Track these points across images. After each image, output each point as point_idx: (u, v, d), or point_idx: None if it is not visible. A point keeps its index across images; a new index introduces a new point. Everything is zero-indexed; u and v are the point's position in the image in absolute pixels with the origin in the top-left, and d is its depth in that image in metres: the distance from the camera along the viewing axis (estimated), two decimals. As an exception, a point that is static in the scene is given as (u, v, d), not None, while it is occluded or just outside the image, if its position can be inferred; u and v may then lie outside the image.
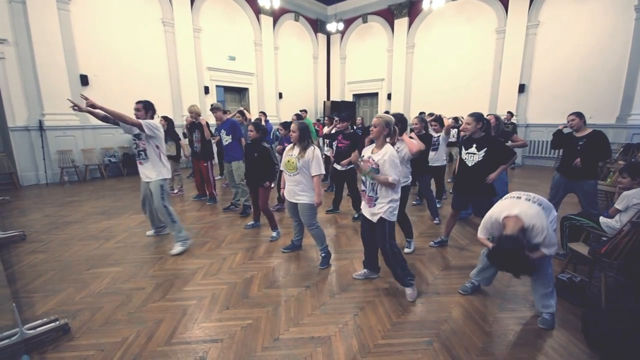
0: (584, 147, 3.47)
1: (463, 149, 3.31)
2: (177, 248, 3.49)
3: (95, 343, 2.10)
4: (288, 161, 3.05)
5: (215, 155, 6.99)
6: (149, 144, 3.39)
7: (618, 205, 2.73)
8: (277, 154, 4.38)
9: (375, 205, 2.52)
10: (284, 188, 3.23)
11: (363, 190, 2.61)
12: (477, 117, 3.15)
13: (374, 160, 2.47)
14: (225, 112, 5.03)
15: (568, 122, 3.63)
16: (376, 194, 2.50)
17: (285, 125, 4.47)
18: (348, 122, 4.65)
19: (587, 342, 2.08)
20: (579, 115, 3.56)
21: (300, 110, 7.95)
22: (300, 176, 3.01)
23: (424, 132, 4.24)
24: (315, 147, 3.05)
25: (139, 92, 8.30)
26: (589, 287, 2.60)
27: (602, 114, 8.21)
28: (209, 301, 2.57)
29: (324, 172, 3.03)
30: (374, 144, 2.59)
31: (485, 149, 3.11)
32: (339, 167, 4.57)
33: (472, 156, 3.20)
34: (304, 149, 3.00)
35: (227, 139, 4.81)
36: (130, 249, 3.62)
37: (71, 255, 3.46)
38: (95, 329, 2.24)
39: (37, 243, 3.77)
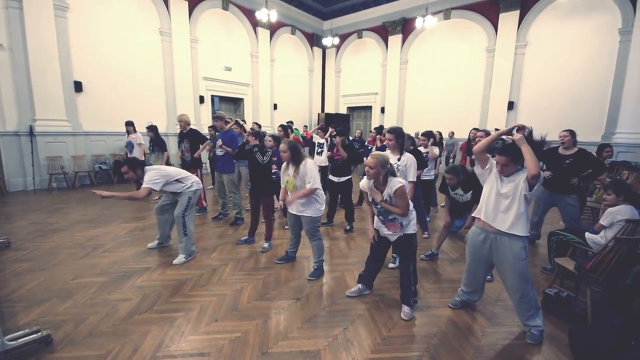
0: (571, 165, 3.57)
1: (450, 190, 3.43)
2: (181, 259, 3.46)
3: (78, 356, 2.04)
4: (287, 181, 3.10)
5: (208, 165, 6.99)
6: (166, 187, 3.42)
7: (603, 221, 2.80)
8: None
9: (401, 224, 2.51)
10: (283, 200, 3.24)
11: (380, 219, 2.59)
12: (455, 172, 3.25)
13: (385, 201, 2.46)
14: (226, 122, 5.04)
15: (560, 137, 3.71)
16: (397, 219, 2.49)
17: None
18: (343, 137, 4.70)
19: (574, 357, 2.10)
20: (572, 133, 3.66)
21: (287, 122, 7.98)
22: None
23: (412, 147, 4.31)
24: (308, 160, 3.08)
25: (134, 100, 8.34)
26: (576, 302, 2.63)
27: (587, 132, 8.43)
28: (197, 313, 2.53)
29: (318, 186, 3.03)
30: (370, 183, 2.55)
31: (471, 191, 3.25)
32: (335, 179, 4.60)
33: (461, 197, 3.37)
34: (297, 166, 3.02)
35: (220, 150, 4.81)
36: (117, 258, 3.55)
37: (56, 264, 3.38)
38: (78, 341, 2.18)
39: (21, 251, 3.68)
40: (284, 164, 3.18)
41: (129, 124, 6.70)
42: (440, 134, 6.91)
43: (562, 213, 3.79)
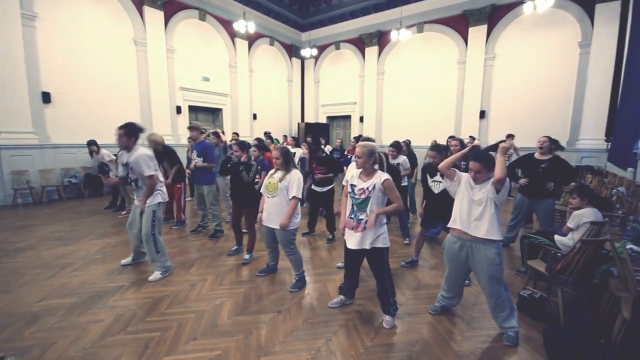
0: (546, 170, 3.74)
1: (428, 177, 3.47)
2: (156, 275, 3.33)
3: (43, 384, 1.91)
4: (269, 182, 3.07)
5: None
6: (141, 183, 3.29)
7: (570, 223, 2.95)
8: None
9: (365, 229, 2.41)
10: (261, 212, 3.20)
11: (350, 219, 2.50)
12: (439, 149, 3.34)
13: (367, 189, 2.40)
14: (202, 132, 4.96)
15: (539, 142, 3.84)
16: (368, 216, 2.39)
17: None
18: (318, 151, 4.73)
19: (548, 357, 2.17)
20: (551, 139, 3.82)
21: (265, 133, 7.94)
22: (278, 199, 3.02)
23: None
24: (297, 171, 3.08)
25: (107, 111, 8.08)
26: (548, 303, 2.74)
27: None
28: (175, 332, 2.43)
29: (300, 196, 3.03)
30: (358, 171, 2.53)
31: None
32: (317, 189, 4.60)
33: (438, 184, 3.37)
34: (287, 172, 3.03)
35: (197, 160, 4.72)
36: (88, 277, 3.37)
37: (21, 285, 3.17)
38: (44, 368, 2.04)
39: (-19, 273, 3.43)
40: (272, 170, 3.18)
41: (92, 143, 6.42)
42: (408, 143, 6.78)
43: (539, 217, 3.95)
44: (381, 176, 2.42)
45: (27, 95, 6.71)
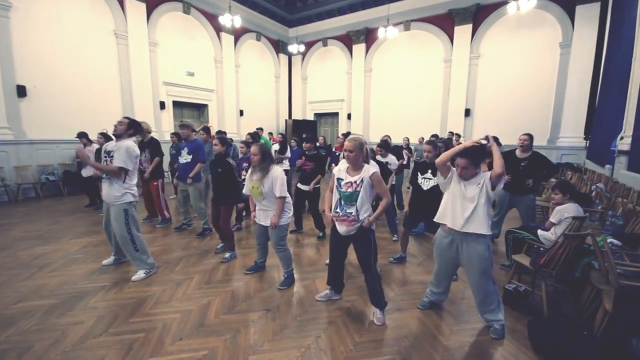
0: (526, 167, 3.82)
1: (419, 174, 3.45)
2: (140, 274, 3.23)
3: (19, 390, 1.82)
4: (252, 187, 3.01)
5: (169, 174, 6.65)
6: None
7: (552, 218, 3.02)
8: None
9: (355, 222, 2.42)
10: (254, 211, 3.16)
11: (336, 213, 2.48)
12: (434, 144, 3.35)
13: (355, 183, 2.40)
14: (194, 130, 4.86)
15: (520, 141, 3.91)
16: (357, 211, 2.40)
17: (248, 144, 4.36)
18: (312, 144, 4.69)
19: (533, 349, 2.22)
20: (531, 137, 3.90)
21: (257, 129, 7.87)
22: (267, 201, 3.00)
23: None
24: (276, 166, 3.03)
25: (86, 105, 7.81)
26: (532, 296, 2.80)
27: (535, 136, 9.16)
28: (159, 333, 2.37)
29: (286, 194, 2.98)
30: (345, 165, 2.51)
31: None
32: (303, 188, 4.56)
33: (428, 181, 3.36)
34: (265, 172, 2.95)
35: (186, 158, 4.60)
36: (68, 277, 3.25)
37: (-5, 287, 3.02)
38: (20, 373, 1.95)
39: (-49, 275, 3.25)
40: (251, 168, 3.09)
41: (82, 135, 6.25)
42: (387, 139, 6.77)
43: (520, 213, 4.04)
44: (369, 169, 2.42)
45: (1, 89, 6.40)
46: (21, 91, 6.73)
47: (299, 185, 4.65)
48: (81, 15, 7.63)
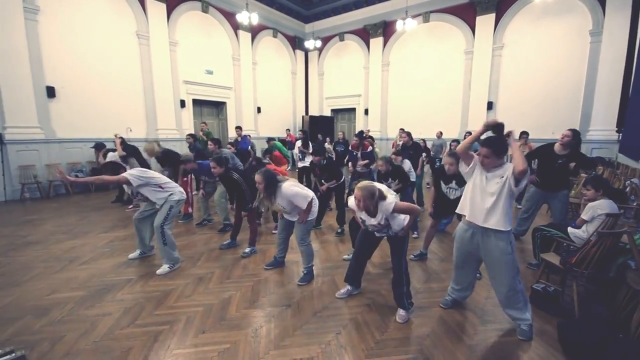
0: (563, 165, 3.60)
1: (442, 183, 3.41)
2: (164, 269, 3.33)
3: (54, 378, 1.91)
4: (276, 211, 3.14)
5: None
6: (143, 190, 3.26)
7: (584, 215, 2.87)
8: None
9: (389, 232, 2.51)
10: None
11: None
12: (455, 157, 3.24)
13: (380, 224, 2.44)
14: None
15: (562, 136, 3.63)
16: (390, 229, 2.49)
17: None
18: (320, 157, 4.61)
19: (564, 352, 2.13)
20: (575, 133, 3.57)
21: (268, 139, 7.85)
22: (294, 211, 3.09)
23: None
24: (284, 184, 2.97)
25: (110, 105, 8.07)
26: (562, 297, 2.69)
27: (562, 130, 8.72)
28: (183, 325, 2.42)
29: (309, 196, 2.98)
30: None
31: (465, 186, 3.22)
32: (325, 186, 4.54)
33: (454, 191, 3.33)
34: (274, 196, 2.96)
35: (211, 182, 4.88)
36: (96, 270, 3.38)
37: (30, 279, 3.18)
38: (54, 361, 2.04)
39: (-10, 267, 3.45)
40: (259, 197, 3.08)
41: (99, 147, 6.25)
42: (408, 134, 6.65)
43: (552, 210, 3.86)
44: (388, 207, 2.34)
45: (32, 90, 6.71)
46: (50, 92, 7.03)
47: (323, 182, 4.63)
48: (105, 18, 7.87)
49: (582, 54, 8.54)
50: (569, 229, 3.02)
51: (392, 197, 2.41)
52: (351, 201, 2.53)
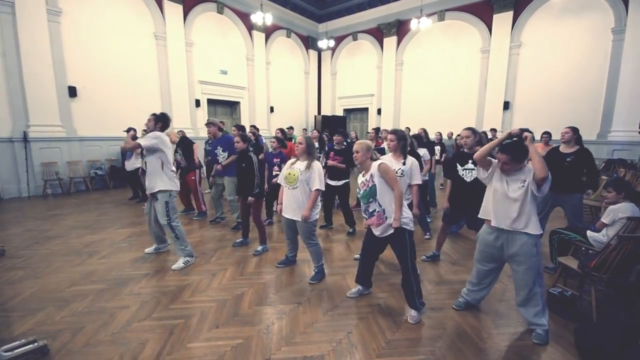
0: (572, 163, 3.53)
1: (458, 166, 3.25)
2: (179, 264, 3.42)
3: (75, 366, 1.98)
4: (289, 174, 3.05)
5: (205, 169, 6.89)
6: (151, 156, 3.37)
7: (604, 219, 2.79)
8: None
9: (386, 218, 2.44)
10: (280, 204, 3.20)
11: (365, 218, 2.57)
12: (473, 130, 3.20)
13: (366, 180, 2.47)
14: (220, 128, 5.04)
15: (561, 134, 3.62)
16: (380, 206, 2.43)
17: (279, 140, 4.52)
18: (342, 137, 4.69)
19: (580, 357, 2.08)
20: (574, 129, 3.57)
21: (287, 128, 7.94)
22: (299, 191, 3.00)
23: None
24: (319, 163, 3.06)
25: (129, 105, 8.28)
26: (580, 301, 2.62)
27: (582, 130, 8.28)
28: (198, 320, 2.48)
29: (323, 188, 3.01)
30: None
31: None
32: (333, 183, 4.56)
33: (470, 172, 3.16)
34: (310, 162, 3.00)
35: (223, 156, 4.78)
36: (114, 264, 3.49)
37: (52, 271, 3.31)
38: (76, 350, 2.12)
39: (16, 259, 3.60)
40: (292, 159, 3.18)
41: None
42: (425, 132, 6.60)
43: (566, 212, 3.77)
44: (376, 163, 2.45)
45: (55, 90, 6.96)
46: (72, 92, 7.29)
47: (328, 181, 4.65)
48: (124, 19, 8.09)
49: (604, 52, 8.27)
50: (588, 233, 2.94)
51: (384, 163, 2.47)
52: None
